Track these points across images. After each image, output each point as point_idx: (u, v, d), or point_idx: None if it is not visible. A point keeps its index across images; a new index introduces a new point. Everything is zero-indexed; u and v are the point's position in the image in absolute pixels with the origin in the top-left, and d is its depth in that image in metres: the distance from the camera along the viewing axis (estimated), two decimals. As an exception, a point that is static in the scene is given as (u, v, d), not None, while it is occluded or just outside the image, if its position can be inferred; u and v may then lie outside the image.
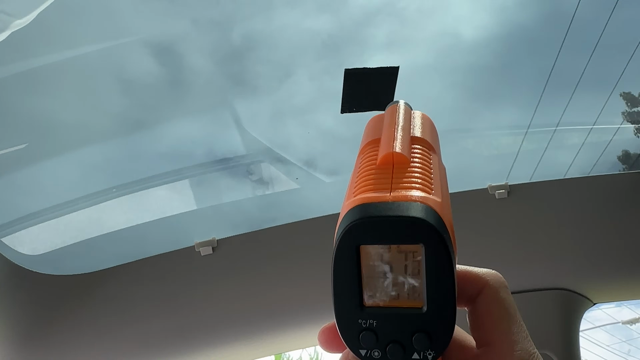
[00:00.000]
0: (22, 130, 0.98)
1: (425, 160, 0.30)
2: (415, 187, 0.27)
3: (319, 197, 1.10)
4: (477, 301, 0.30)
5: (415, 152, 0.30)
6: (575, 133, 1.17)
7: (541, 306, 0.95)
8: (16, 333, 0.93)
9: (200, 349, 1.00)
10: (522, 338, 0.29)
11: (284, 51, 1.01)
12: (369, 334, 0.27)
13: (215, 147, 1.10)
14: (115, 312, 0.98)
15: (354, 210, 0.26)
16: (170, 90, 1.00)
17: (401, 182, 0.28)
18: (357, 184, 0.29)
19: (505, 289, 0.30)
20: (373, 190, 0.27)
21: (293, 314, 0.99)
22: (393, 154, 0.29)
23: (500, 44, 1.05)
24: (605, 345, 6.82)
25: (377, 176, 0.29)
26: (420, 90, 1.05)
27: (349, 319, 0.27)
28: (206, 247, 0.99)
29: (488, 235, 1.00)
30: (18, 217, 1.01)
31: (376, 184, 0.28)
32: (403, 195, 0.27)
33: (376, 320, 0.27)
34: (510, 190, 1.01)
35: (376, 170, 0.29)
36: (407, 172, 0.28)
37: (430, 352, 0.27)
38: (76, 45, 0.92)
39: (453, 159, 1.15)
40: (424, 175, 0.28)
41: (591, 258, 0.98)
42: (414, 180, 0.28)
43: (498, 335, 0.29)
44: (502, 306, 0.30)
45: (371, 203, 0.26)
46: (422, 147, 0.31)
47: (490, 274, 0.31)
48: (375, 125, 0.34)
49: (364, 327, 0.27)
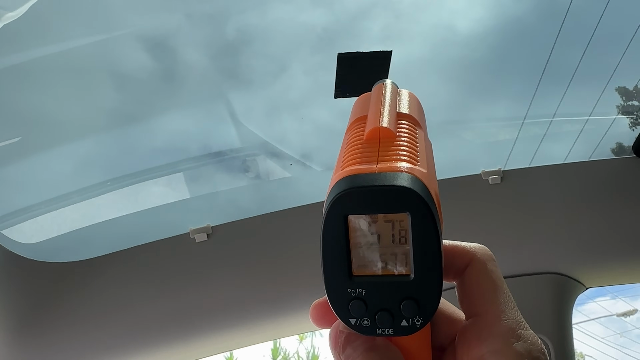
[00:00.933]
0: (14, 124, 0.97)
1: (411, 134, 0.31)
2: (401, 159, 0.28)
3: (313, 189, 1.10)
4: (465, 274, 0.31)
5: (401, 127, 0.31)
6: (570, 125, 1.17)
7: (534, 290, 0.96)
8: (11, 320, 0.93)
9: (195, 335, 1.00)
10: (510, 308, 0.29)
11: (279, 45, 1.00)
12: (358, 302, 0.28)
13: (210, 141, 1.09)
14: (110, 299, 0.98)
15: (342, 181, 0.27)
16: (163, 84, 1.00)
17: (388, 155, 0.28)
18: (345, 158, 0.29)
19: (492, 261, 0.31)
20: (360, 163, 0.28)
21: (288, 300, 0.99)
22: (379, 128, 0.30)
23: (496, 37, 1.04)
24: (600, 338, 6.89)
25: (364, 150, 0.29)
26: (416, 83, 1.05)
27: (338, 289, 0.28)
28: (201, 233, 0.99)
29: (481, 221, 1.01)
30: (12, 210, 1.01)
31: (363, 157, 0.28)
32: (389, 166, 0.27)
33: (365, 289, 0.28)
34: (504, 176, 1.01)
35: (363, 144, 0.30)
36: (394, 146, 0.29)
37: (418, 318, 0.28)
38: (68, 39, 0.92)
39: (448, 151, 1.15)
40: (410, 148, 0.29)
41: (584, 242, 0.99)
42: (400, 153, 0.28)
43: (485, 306, 0.29)
44: (489, 277, 0.30)
45: (358, 174, 0.27)
46: (408, 123, 0.32)
47: (478, 247, 0.31)
48: (362, 103, 0.35)
49: (353, 296, 0.28)
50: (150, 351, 1.01)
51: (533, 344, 0.29)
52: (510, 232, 1.00)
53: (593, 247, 0.99)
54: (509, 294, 0.30)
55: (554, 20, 1.00)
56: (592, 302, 6.60)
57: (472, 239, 1.00)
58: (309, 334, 4.63)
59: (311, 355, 5.06)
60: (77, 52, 0.93)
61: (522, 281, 0.96)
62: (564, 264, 0.98)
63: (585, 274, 1.00)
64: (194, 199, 1.14)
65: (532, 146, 1.15)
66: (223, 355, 5.02)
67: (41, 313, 0.95)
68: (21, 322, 0.94)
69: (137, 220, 1.09)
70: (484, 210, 1.01)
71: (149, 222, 1.09)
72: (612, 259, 1.00)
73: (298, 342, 4.46)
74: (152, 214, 1.10)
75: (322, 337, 5.01)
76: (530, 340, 0.29)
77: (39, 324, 0.95)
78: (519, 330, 0.29)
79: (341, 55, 0.88)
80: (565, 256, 0.99)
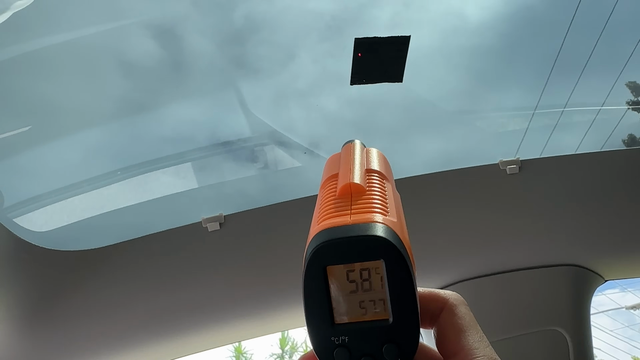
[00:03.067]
0: (25, 112, 0.98)
1: (380, 188, 0.33)
2: (372, 210, 0.30)
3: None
4: (440, 318, 0.33)
5: (371, 182, 0.34)
6: (582, 115, 1.15)
7: (552, 282, 0.95)
8: (23, 308, 0.94)
9: (207, 324, 1.01)
10: (483, 346, 0.31)
11: (287, 33, 1.00)
12: (342, 350, 0.29)
13: (218, 130, 1.09)
14: (122, 288, 0.98)
15: (319, 235, 0.29)
16: (171, 72, 1.00)
17: (360, 207, 0.31)
18: (321, 212, 0.32)
19: (463, 305, 0.34)
20: (335, 217, 0.30)
21: (299, 291, 0.99)
22: (350, 184, 0.32)
23: (506, 24, 1.03)
24: (608, 330, 6.86)
25: (337, 204, 0.32)
26: (425, 72, 1.04)
27: (322, 337, 0.30)
28: (213, 222, 0.99)
29: (499, 211, 1.00)
30: (23, 199, 1.02)
31: (337, 211, 0.31)
32: (362, 217, 0.29)
33: (347, 336, 0.29)
34: (522, 166, 1.00)
35: (337, 199, 0.32)
36: (365, 199, 0.32)
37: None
38: (77, 28, 0.92)
39: (457, 140, 1.14)
40: (380, 200, 0.31)
41: (603, 234, 0.98)
42: (371, 205, 0.31)
43: (460, 345, 0.31)
44: (461, 319, 0.33)
45: (334, 227, 0.29)
46: (377, 177, 0.35)
47: (450, 294, 0.34)
48: (333, 162, 0.38)
49: (337, 343, 0.29)
50: (162, 340, 1.02)
51: None
52: (529, 223, 0.99)
53: (612, 239, 0.98)
54: (482, 333, 0.32)
55: (566, 7, 0.98)
56: (601, 294, 6.57)
57: (490, 229, 1.00)
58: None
59: (319, 345, 5.08)
60: (86, 41, 0.94)
61: (540, 273, 0.96)
62: (582, 256, 0.97)
63: (604, 266, 0.99)
64: (204, 188, 1.14)
65: (543, 136, 1.13)
66: (232, 345, 5.07)
67: (52, 300, 0.96)
68: (32, 310, 0.95)
69: (147, 209, 1.10)
70: (502, 200, 1.00)
71: (158, 211, 1.10)
72: (631, 251, 0.99)
73: (306, 332, 4.46)
74: (162, 203, 1.10)
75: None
76: None
77: (50, 312, 0.96)
78: None
79: (358, 40, 0.87)
80: (584, 248, 0.98)
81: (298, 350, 5.06)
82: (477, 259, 0.99)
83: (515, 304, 0.94)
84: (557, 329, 0.92)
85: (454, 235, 0.98)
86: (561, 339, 0.92)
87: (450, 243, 0.98)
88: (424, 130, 1.12)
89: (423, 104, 1.10)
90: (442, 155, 1.08)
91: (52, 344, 0.98)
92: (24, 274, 0.94)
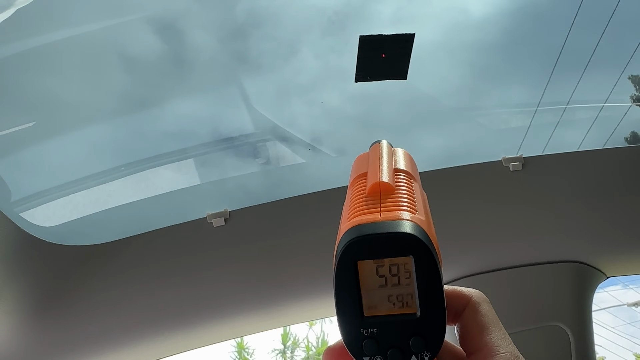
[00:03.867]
0: (29, 108, 0.98)
1: (408, 187, 0.34)
2: (401, 208, 0.31)
3: (326, 174, 1.10)
4: (463, 315, 0.34)
5: (399, 181, 0.35)
6: (585, 112, 1.15)
7: (554, 279, 0.95)
8: (29, 302, 0.94)
9: (211, 319, 1.01)
10: (506, 343, 0.32)
11: (289, 28, 1.00)
12: (371, 341, 0.30)
13: (220, 126, 1.09)
14: (127, 283, 0.99)
15: (350, 231, 0.30)
16: (173, 67, 1.00)
17: (389, 206, 0.32)
18: (351, 210, 0.33)
19: (486, 303, 0.34)
20: (365, 214, 0.31)
21: (305, 286, 1.00)
22: (380, 183, 0.34)
23: (510, 20, 1.03)
24: (610, 327, 6.85)
25: (367, 202, 0.33)
26: (428, 68, 1.04)
27: (351, 329, 0.31)
28: (218, 218, 0.99)
29: (501, 208, 1.00)
30: (28, 194, 1.02)
31: (367, 209, 0.32)
32: (392, 215, 0.31)
33: (376, 328, 0.30)
34: (525, 163, 1.00)
35: (366, 197, 0.33)
36: (393, 197, 0.33)
37: (426, 353, 0.30)
38: (79, 23, 0.92)
39: (460, 136, 1.14)
40: (408, 199, 0.33)
41: (605, 231, 0.98)
42: (399, 203, 0.32)
43: (483, 342, 0.32)
44: (484, 317, 0.33)
45: (364, 224, 0.30)
46: (404, 177, 0.36)
47: (473, 291, 0.35)
48: (361, 161, 0.39)
49: (366, 335, 0.30)
50: (167, 334, 1.02)
51: None
52: (531, 220, 0.99)
53: (615, 236, 0.98)
54: (504, 331, 0.33)
55: (570, 3, 0.98)
56: (602, 291, 6.56)
57: (493, 226, 1.00)
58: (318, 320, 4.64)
59: (321, 340, 5.10)
60: (88, 36, 0.94)
61: (542, 269, 0.96)
62: (584, 252, 0.97)
63: (606, 262, 0.99)
64: (207, 184, 1.15)
65: (545, 132, 1.13)
66: (235, 340, 5.09)
67: (58, 295, 0.97)
68: (39, 304, 0.96)
69: (151, 205, 1.10)
70: (504, 197, 1.00)
71: (162, 207, 1.10)
72: (633, 248, 0.99)
73: (308, 328, 4.48)
74: (165, 198, 1.10)
75: (332, 324, 5.02)
76: None
77: (56, 306, 0.97)
78: None
79: (363, 37, 0.87)
80: (586, 244, 0.98)
81: (300, 345, 5.08)
82: (479, 255, 0.99)
83: (517, 300, 0.94)
84: (559, 324, 0.92)
85: (457, 232, 0.99)
86: (563, 334, 0.92)
87: (452, 240, 0.98)
88: (427, 126, 1.12)
89: (425, 100, 1.10)
90: (445, 152, 1.08)
91: (58, 338, 0.99)
92: (31, 268, 0.94)
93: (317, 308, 1.05)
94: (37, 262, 0.94)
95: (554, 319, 0.93)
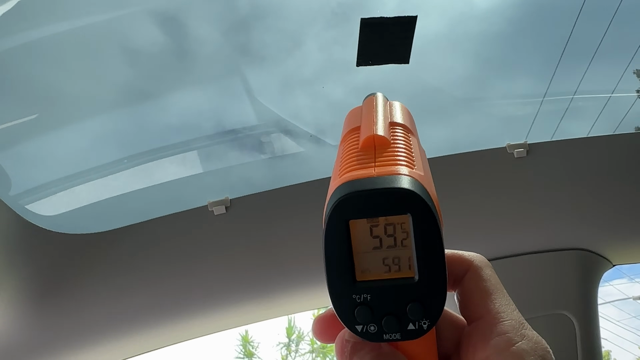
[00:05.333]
0: (31, 100, 0.98)
1: (405, 141, 0.31)
2: (398, 163, 0.28)
3: (329, 166, 1.09)
4: (464, 281, 0.32)
5: (395, 135, 0.32)
6: (591, 103, 1.14)
7: (559, 267, 0.94)
8: (31, 290, 0.95)
9: (213, 307, 1.01)
10: (511, 310, 0.30)
11: (293, 20, 0.99)
12: (364, 308, 0.28)
13: (223, 119, 1.09)
14: (128, 271, 0.99)
15: (342, 187, 0.27)
16: (175, 60, 0.99)
17: (384, 160, 0.29)
18: (342, 165, 0.30)
19: (488, 267, 0.32)
20: (358, 169, 0.28)
21: (307, 274, 0.99)
22: (374, 136, 0.30)
23: (515, 9, 1.02)
24: (615, 321, 6.84)
25: (360, 157, 0.30)
26: (432, 59, 1.03)
27: (343, 296, 0.28)
28: (219, 206, 0.99)
29: (506, 195, 0.99)
30: (31, 187, 1.03)
31: (360, 164, 0.29)
32: (387, 170, 0.28)
33: (370, 294, 0.28)
34: (530, 149, 0.99)
35: (359, 152, 0.30)
36: (389, 152, 0.30)
37: (425, 321, 0.28)
38: (81, 15, 0.92)
39: (465, 128, 1.13)
40: (406, 153, 0.30)
41: (611, 218, 0.97)
42: (396, 158, 0.29)
43: (486, 309, 0.30)
44: (487, 282, 0.31)
45: (357, 179, 0.27)
46: (401, 130, 0.33)
47: (474, 255, 0.33)
48: (354, 116, 0.36)
49: (359, 302, 0.28)
50: (169, 323, 1.02)
51: (537, 343, 0.29)
52: (536, 207, 0.98)
53: (621, 223, 0.97)
54: (508, 297, 0.31)
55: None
56: (608, 284, 6.54)
57: (497, 213, 0.99)
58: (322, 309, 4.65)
59: (325, 334, 5.10)
60: (90, 28, 0.93)
61: (547, 257, 0.95)
62: (590, 239, 0.96)
63: (612, 250, 0.98)
64: (209, 175, 1.15)
65: (551, 124, 1.12)
66: (238, 332, 5.11)
67: (60, 283, 0.97)
68: (41, 292, 0.96)
69: (153, 195, 1.10)
70: (509, 184, 0.99)
71: (162, 197, 1.10)
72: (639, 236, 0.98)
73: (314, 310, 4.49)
74: (166, 188, 1.10)
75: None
76: (535, 339, 0.29)
77: (58, 294, 0.97)
78: (522, 330, 0.29)
79: (364, 20, 0.85)
80: (591, 232, 0.97)
81: (304, 338, 5.10)
82: (484, 242, 0.99)
83: (522, 288, 0.93)
84: (564, 313, 0.92)
85: (460, 219, 0.98)
86: (568, 323, 0.92)
87: (456, 227, 0.97)
88: (431, 117, 1.11)
89: (430, 91, 1.09)
90: (449, 143, 1.08)
91: (60, 327, 0.99)
92: (32, 257, 0.94)
93: (320, 297, 1.05)
94: (37, 251, 0.94)
95: (559, 307, 0.92)
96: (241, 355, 4.91)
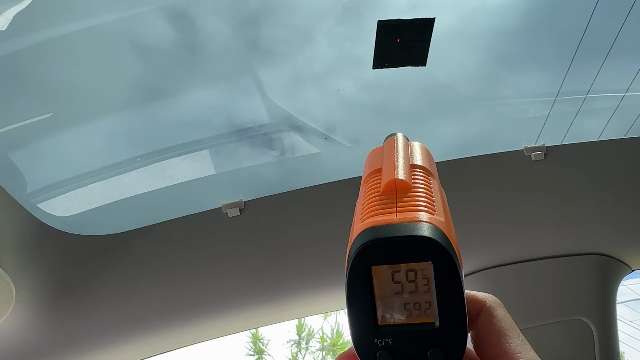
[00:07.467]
0: (46, 99, 0.99)
1: (425, 184, 0.32)
2: (419, 209, 0.29)
3: (340, 163, 1.09)
4: (478, 322, 0.32)
5: (416, 178, 0.32)
6: (605, 101, 1.12)
7: (578, 271, 0.93)
8: (46, 291, 0.96)
9: (226, 310, 1.01)
10: (527, 349, 0.30)
11: (303, 15, 0.99)
12: (386, 352, 0.28)
13: (234, 116, 1.09)
14: (142, 273, 0.99)
15: (364, 233, 0.28)
16: (186, 56, 1.00)
17: (405, 205, 0.30)
18: (364, 209, 0.31)
19: (501, 307, 0.33)
20: (380, 215, 0.29)
21: (320, 277, 0.99)
22: (395, 180, 0.31)
23: (528, 5, 1.00)
24: (628, 321, 6.74)
25: (382, 201, 0.30)
26: (444, 55, 1.02)
27: (365, 339, 0.29)
28: (233, 208, 0.99)
29: (524, 199, 0.98)
30: (46, 185, 1.04)
31: (382, 208, 0.30)
32: (409, 216, 0.28)
33: (391, 338, 0.28)
34: (547, 152, 0.98)
35: (381, 196, 0.31)
36: (410, 196, 0.30)
37: None
38: (94, 13, 0.92)
39: (477, 125, 1.12)
40: (426, 198, 0.30)
41: (630, 223, 0.95)
42: (417, 203, 0.30)
43: (503, 349, 0.30)
44: (501, 322, 0.32)
45: (379, 226, 0.28)
46: (421, 173, 0.33)
47: (486, 296, 0.33)
48: (375, 156, 0.36)
49: (380, 345, 0.28)
50: (182, 325, 1.03)
51: None
52: (554, 211, 0.97)
53: (639, 228, 0.96)
54: (523, 336, 0.31)
55: (591, -14, 0.95)
56: (621, 284, 6.45)
57: (515, 217, 0.98)
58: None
59: (335, 332, 5.11)
60: (103, 26, 0.94)
61: (565, 262, 0.94)
62: (609, 244, 0.95)
63: (631, 255, 0.97)
64: (222, 174, 1.15)
65: (565, 121, 1.11)
66: (249, 331, 5.13)
67: (75, 284, 0.98)
68: (55, 293, 0.97)
69: (166, 195, 1.10)
70: (526, 187, 0.98)
71: (176, 197, 1.11)
72: None
73: (323, 319, 4.50)
74: (180, 189, 1.11)
75: (346, 315, 5.03)
76: None
77: (73, 295, 0.98)
78: None
79: (381, 22, 0.85)
80: (610, 237, 0.96)
81: (314, 336, 5.10)
82: (501, 247, 0.98)
83: (540, 293, 0.92)
84: (582, 318, 0.90)
85: (477, 223, 0.97)
86: (586, 329, 0.91)
87: (473, 231, 0.97)
88: (443, 114, 1.10)
89: (442, 88, 1.08)
90: (461, 140, 1.07)
91: (75, 327, 1.00)
92: (47, 258, 0.95)
93: (332, 300, 1.05)
94: (53, 252, 0.95)
95: (577, 312, 0.91)
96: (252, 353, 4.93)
